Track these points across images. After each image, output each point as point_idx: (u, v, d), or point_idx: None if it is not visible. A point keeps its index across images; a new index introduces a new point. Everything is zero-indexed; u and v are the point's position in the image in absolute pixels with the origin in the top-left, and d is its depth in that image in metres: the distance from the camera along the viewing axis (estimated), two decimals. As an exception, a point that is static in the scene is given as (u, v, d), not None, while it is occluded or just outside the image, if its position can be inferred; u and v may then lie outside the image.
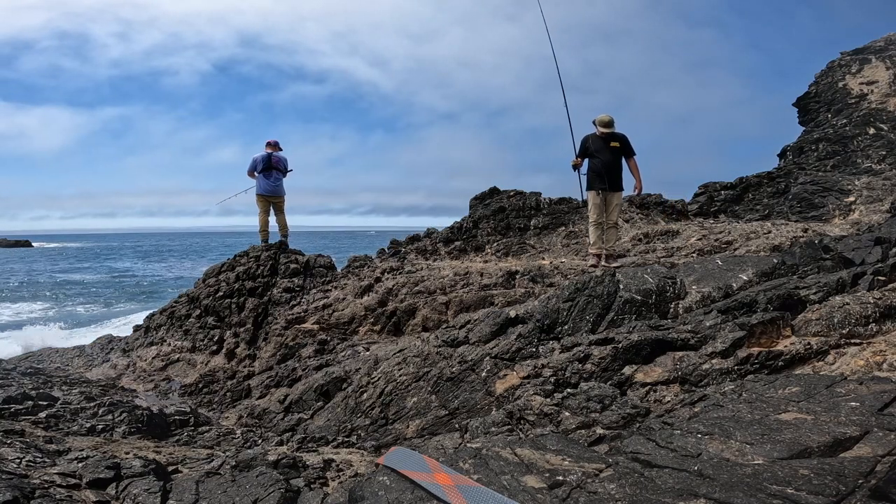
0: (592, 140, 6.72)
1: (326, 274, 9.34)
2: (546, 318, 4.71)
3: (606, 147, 6.61)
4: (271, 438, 4.79)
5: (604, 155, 6.60)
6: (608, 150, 6.61)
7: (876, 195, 10.28)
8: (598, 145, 6.66)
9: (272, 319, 8.33)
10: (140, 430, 4.65)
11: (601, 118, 6.70)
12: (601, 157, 6.61)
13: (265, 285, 9.01)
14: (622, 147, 6.69)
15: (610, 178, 6.61)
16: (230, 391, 6.87)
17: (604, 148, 6.61)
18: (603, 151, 6.61)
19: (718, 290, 4.67)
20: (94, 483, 2.35)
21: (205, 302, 9.03)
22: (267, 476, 2.40)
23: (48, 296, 27.30)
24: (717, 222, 10.71)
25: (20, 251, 70.04)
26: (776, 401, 2.14)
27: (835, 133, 13.58)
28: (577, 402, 3.08)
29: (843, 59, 15.44)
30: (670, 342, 3.49)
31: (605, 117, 6.69)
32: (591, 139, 6.73)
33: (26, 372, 6.45)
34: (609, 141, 6.61)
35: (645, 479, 1.70)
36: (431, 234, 11.69)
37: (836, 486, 1.45)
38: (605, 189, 6.59)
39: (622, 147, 6.69)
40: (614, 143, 6.62)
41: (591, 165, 6.73)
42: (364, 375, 5.39)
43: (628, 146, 6.72)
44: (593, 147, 6.69)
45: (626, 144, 6.72)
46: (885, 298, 2.95)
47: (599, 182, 6.59)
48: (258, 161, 9.71)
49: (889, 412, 1.85)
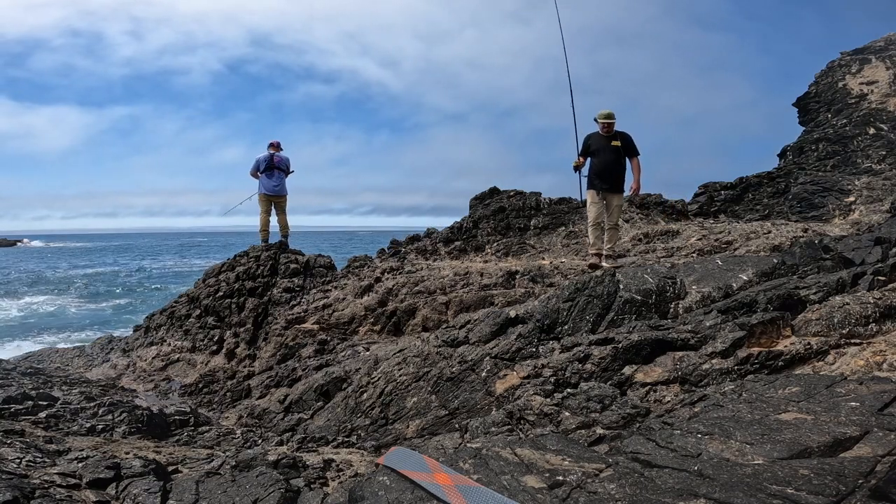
0: (594, 139, 6.57)
1: (326, 274, 9.34)
2: (546, 318, 4.71)
3: (608, 146, 6.44)
4: (271, 438, 4.79)
5: (605, 154, 6.45)
6: (609, 150, 6.44)
7: (876, 195, 10.28)
8: (599, 144, 6.51)
9: (272, 319, 8.33)
10: (140, 430, 4.65)
11: (601, 112, 6.53)
12: (602, 157, 6.46)
13: (265, 285, 9.01)
14: (624, 146, 6.50)
15: (610, 178, 6.45)
16: (230, 391, 6.87)
17: (605, 147, 6.45)
18: (604, 150, 6.45)
19: (718, 290, 4.67)
20: (94, 483, 2.35)
21: (205, 302, 9.03)
22: (267, 476, 2.40)
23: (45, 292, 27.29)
24: (717, 222, 10.71)
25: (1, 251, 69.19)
26: (776, 401, 2.14)
27: (835, 133, 13.58)
28: (577, 402, 3.08)
29: (843, 59, 15.44)
30: (670, 342, 3.49)
31: (605, 110, 6.51)
32: (592, 138, 6.59)
33: (26, 372, 6.45)
34: (611, 140, 6.45)
35: (645, 479, 1.70)
36: (431, 234, 11.69)
37: (836, 486, 1.45)
38: (606, 189, 6.45)
39: (624, 146, 6.50)
40: (615, 142, 6.45)
41: (592, 165, 6.60)
42: (364, 375, 5.39)
43: (631, 145, 6.54)
44: (594, 146, 6.54)
45: (629, 143, 6.53)
46: (885, 298, 2.95)
47: (599, 182, 6.46)
48: (261, 161, 9.84)
49: (889, 412, 1.85)
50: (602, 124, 6.47)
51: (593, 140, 6.59)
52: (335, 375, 5.86)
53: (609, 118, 6.45)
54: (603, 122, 6.45)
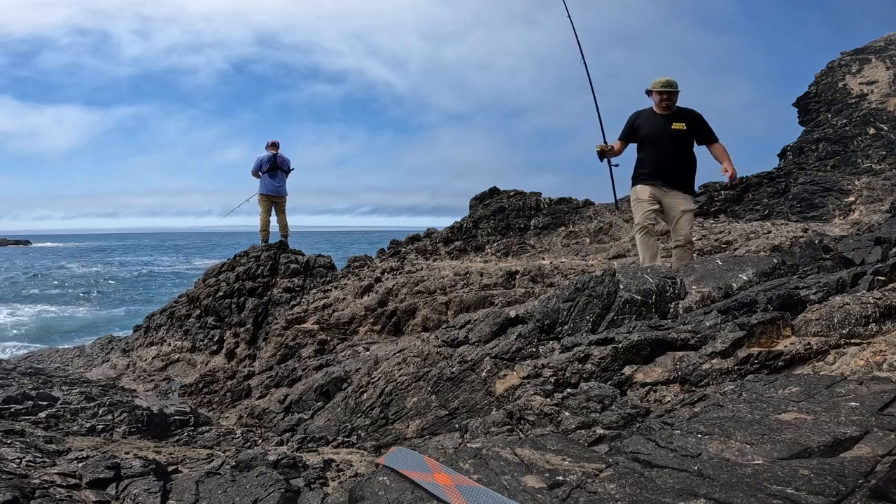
0: (646, 118, 4.73)
1: (326, 274, 9.35)
2: (546, 318, 4.71)
3: (667, 129, 4.58)
4: (271, 438, 4.79)
5: (663, 140, 4.60)
6: (669, 135, 4.57)
7: (876, 195, 10.28)
8: (654, 125, 4.65)
9: (272, 319, 8.33)
10: (140, 430, 4.65)
11: (658, 79, 4.64)
12: (659, 144, 4.62)
13: (265, 285, 9.01)
14: (694, 130, 4.60)
15: (673, 173, 4.63)
16: (230, 391, 6.87)
17: (663, 130, 4.59)
18: (661, 135, 4.61)
19: (718, 290, 4.67)
20: (94, 483, 2.35)
21: (205, 302, 9.03)
22: (267, 476, 2.39)
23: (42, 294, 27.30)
24: (717, 222, 10.71)
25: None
26: (776, 401, 2.14)
27: (835, 133, 13.58)
28: (577, 402, 3.08)
29: (843, 59, 15.44)
30: (670, 342, 3.48)
31: (664, 77, 4.63)
32: (643, 116, 4.76)
33: (26, 372, 6.44)
34: (671, 120, 4.59)
35: (645, 479, 1.70)
36: (431, 234, 11.69)
37: (836, 486, 1.45)
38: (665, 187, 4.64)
39: (694, 130, 4.60)
40: (679, 123, 4.58)
41: (640, 156, 4.83)
42: (364, 375, 5.39)
43: (705, 128, 4.65)
44: (646, 127, 4.69)
45: (702, 126, 4.64)
46: (885, 298, 2.95)
47: (653, 180, 4.70)
48: (264, 161, 9.82)
49: (889, 412, 1.85)
50: (660, 95, 4.61)
51: (644, 119, 4.75)
52: (335, 375, 5.86)
53: (670, 86, 4.56)
54: (661, 90, 4.58)
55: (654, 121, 4.65)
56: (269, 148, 9.81)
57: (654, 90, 4.65)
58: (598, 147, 4.92)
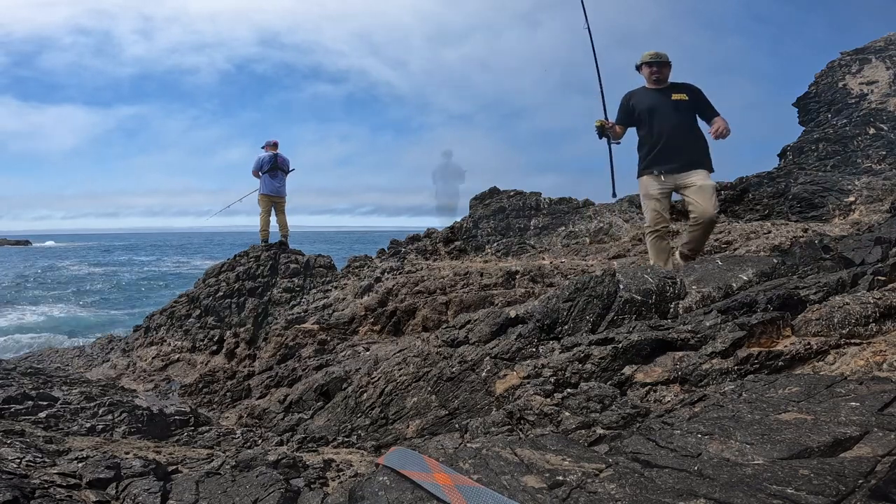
0: (640, 95, 4.35)
1: (326, 274, 9.35)
2: (546, 318, 4.71)
3: (666, 101, 4.18)
4: (271, 438, 4.79)
5: (664, 113, 4.16)
6: (669, 106, 4.16)
7: (876, 195, 10.28)
8: (650, 100, 4.24)
9: (272, 319, 8.34)
10: (140, 430, 4.65)
11: (647, 52, 4.31)
12: (660, 119, 4.17)
13: (265, 285, 9.01)
14: (695, 101, 4.21)
15: (680, 150, 4.16)
16: (230, 391, 6.87)
17: (663, 103, 4.18)
18: (662, 110, 4.17)
19: (718, 290, 4.67)
20: (94, 483, 2.35)
21: (205, 302, 9.03)
22: (267, 476, 2.39)
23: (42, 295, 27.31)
24: (717, 222, 10.72)
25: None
26: (776, 401, 2.14)
27: (835, 133, 13.58)
28: (577, 402, 3.08)
29: (843, 59, 15.44)
30: (670, 342, 3.48)
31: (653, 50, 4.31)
32: (637, 95, 4.39)
33: (26, 372, 6.44)
34: (669, 93, 4.21)
35: (645, 479, 1.70)
36: (431, 234, 11.69)
37: (836, 486, 1.45)
38: (674, 169, 4.19)
39: (695, 101, 4.21)
40: (678, 94, 4.20)
41: (641, 136, 4.40)
42: (364, 375, 5.39)
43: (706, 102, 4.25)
44: (641, 104, 4.28)
45: (702, 99, 4.25)
46: (885, 298, 2.95)
47: (661, 160, 4.21)
48: (265, 161, 9.81)
49: (889, 412, 1.85)
50: (650, 68, 4.24)
51: (638, 97, 4.36)
52: (335, 375, 5.87)
53: (660, 58, 4.22)
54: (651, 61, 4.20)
55: (650, 95, 4.31)
56: (268, 148, 9.81)
57: (644, 62, 4.30)
58: (598, 122, 4.53)
